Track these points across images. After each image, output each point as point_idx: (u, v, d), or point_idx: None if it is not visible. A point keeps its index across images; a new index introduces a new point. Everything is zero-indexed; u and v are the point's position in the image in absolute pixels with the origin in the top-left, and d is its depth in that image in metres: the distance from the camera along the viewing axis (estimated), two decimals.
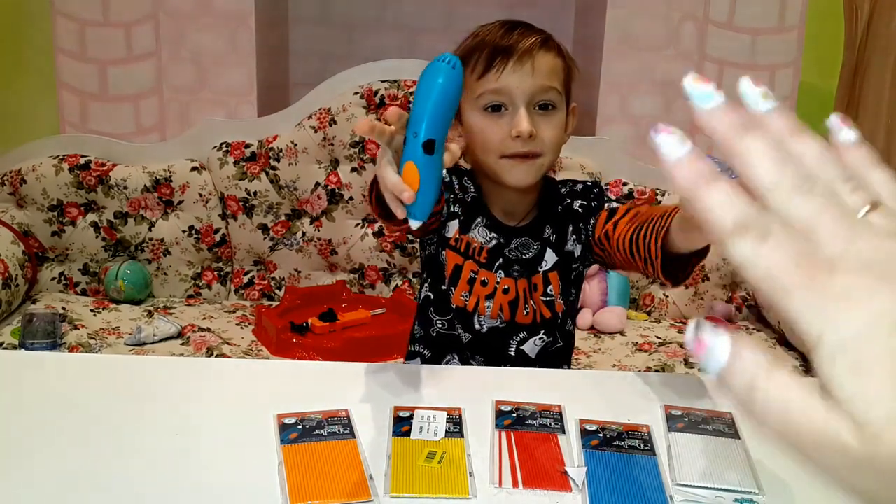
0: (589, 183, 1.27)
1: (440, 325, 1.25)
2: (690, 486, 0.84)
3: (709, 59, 2.35)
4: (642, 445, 0.92)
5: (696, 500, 0.82)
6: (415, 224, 0.84)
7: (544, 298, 1.23)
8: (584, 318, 2.23)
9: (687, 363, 2.08)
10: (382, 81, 2.29)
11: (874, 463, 0.28)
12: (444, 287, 1.23)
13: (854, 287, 0.29)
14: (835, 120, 0.35)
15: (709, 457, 0.89)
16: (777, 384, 0.30)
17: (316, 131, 2.28)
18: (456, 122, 1.22)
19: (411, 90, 2.28)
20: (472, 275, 1.22)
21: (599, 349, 2.14)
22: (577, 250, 1.23)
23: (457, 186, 1.24)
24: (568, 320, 1.28)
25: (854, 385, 0.28)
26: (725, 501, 0.82)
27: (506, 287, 1.22)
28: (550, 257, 1.23)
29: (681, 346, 2.13)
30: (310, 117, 2.29)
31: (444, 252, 1.24)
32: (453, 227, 1.23)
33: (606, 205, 1.23)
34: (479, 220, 1.23)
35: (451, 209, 1.23)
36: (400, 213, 0.84)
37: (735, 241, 0.31)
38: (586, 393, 1.05)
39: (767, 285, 0.30)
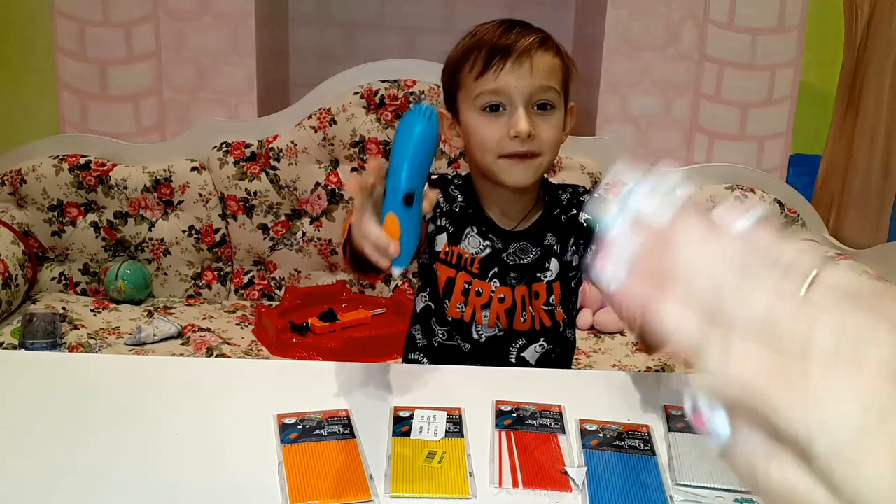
0: (595, 196, 1.27)
1: (441, 336, 1.25)
2: (690, 486, 0.84)
3: (709, 59, 2.35)
4: (642, 445, 0.92)
5: (697, 500, 0.82)
6: (397, 272, 0.85)
7: (546, 308, 1.23)
8: (584, 318, 2.22)
9: (687, 363, 2.08)
10: (382, 81, 2.29)
11: None
12: (439, 299, 1.23)
13: (831, 383, 0.29)
14: (722, 212, 0.34)
15: (709, 457, 0.89)
16: (777, 466, 0.30)
17: (316, 131, 2.28)
18: (454, 121, 1.21)
19: (411, 90, 2.28)
20: (466, 286, 1.21)
21: (599, 349, 2.14)
22: (575, 260, 1.23)
23: (441, 199, 1.23)
24: (567, 329, 1.28)
25: (855, 480, 0.28)
26: (725, 501, 0.82)
27: (501, 296, 1.21)
28: (555, 267, 1.22)
29: None
30: (310, 117, 2.29)
31: (434, 265, 1.23)
32: (442, 241, 1.22)
33: None
34: (469, 229, 1.22)
35: (438, 223, 1.22)
36: (384, 265, 0.85)
37: (699, 359, 0.31)
38: (586, 393, 1.05)
39: (744, 396, 0.30)
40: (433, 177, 1.26)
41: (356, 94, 2.28)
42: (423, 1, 2.67)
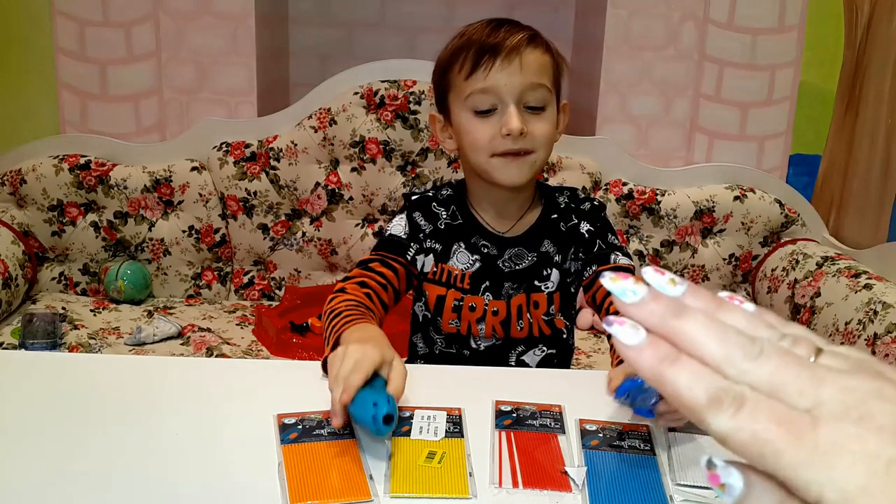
0: (596, 203, 1.24)
1: (441, 345, 1.24)
2: (690, 486, 0.84)
3: (708, 59, 2.35)
4: (642, 445, 0.92)
5: (696, 500, 0.82)
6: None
7: (545, 317, 1.21)
8: (584, 318, 2.22)
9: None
10: (382, 81, 2.29)
11: None
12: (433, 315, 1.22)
13: (840, 437, 0.30)
14: (726, 296, 0.36)
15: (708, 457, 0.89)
16: None
17: (316, 131, 2.28)
18: (446, 124, 1.20)
19: (411, 90, 2.28)
20: (457, 303, 1.20)
21: (599, 349, 2.14)
22: (574, 267, 1.22)
23: (422, 223, 1.22)
24: (569, 335, 1.26)
25: None
26: (725, 501, 0.82)
27: (495, 309, 1.20)
28: (556, 277, 1.20)
29: None
30: (310, 117, 2.29)
31: (423, 285, 1.22)
32: (429, 262, 1.21)
33: (613, 257, 1.19)
34: (456, 245, 1.21)
35: (424, 245, 1.21)
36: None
37: (712, 415, 0.32)
38: (586, 393, 1.05)
39: (754, 451, 0.31)
40: (413, 198, 1.25)
41: (356, 94, 2.28)
42: (423, 1, 2.67)
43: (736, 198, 2.30)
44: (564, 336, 1.25)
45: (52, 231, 2.28)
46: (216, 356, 1.95)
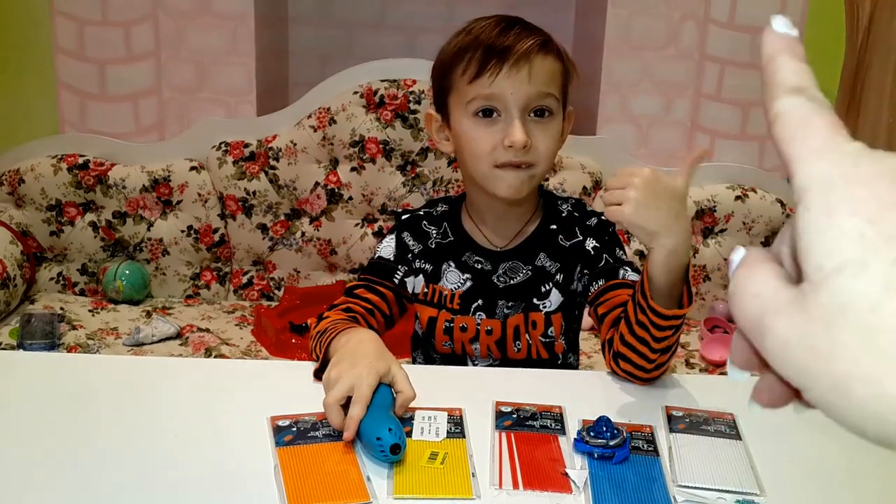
0: (603, 218, 1.16)
1: (438, 363, 1.22)
2: (692, 487, 0.84)
3: (709, 59, 2.35)
4: (646, 446, 0.91)
5: (698, 501, 0.82)
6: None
7: (543, 339, 1.17)
8: (583, 318, 2.21)
9: (688, 364, 2.08)
10: (382, 81, 2.28)
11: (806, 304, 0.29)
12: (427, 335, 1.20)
13: None
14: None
15: (710, 458, 0.89)
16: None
17: (315, 131, 2.28)
18: (443, 124, 1.15)
19: (411, 89, 2.27)
20: (447, 324, 1.17)
21: (599, 349, 2.13)
22: (580, 288, 1.18)
23: (411, 243, 1.18)
24: (570, 355, 1.22)
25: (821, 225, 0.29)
26: (727, 502, 0.81)
27: (489, 328, 1.16)
28: (556, 298, 1.16)
29: (682, 346, 2.12)
30: (309, 117, 2.28)
31: (416, 306, 1.19)
32: (419, 284, 1.18)
33: (622, 272, 1.13)
34: (446, 265, 1.17)
35: (414, 266, 1.18)
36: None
37: None
38: (586, 393, 1.05)
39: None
40: (403, 217, 1.21)
41: (356, 93, 2.27)
42: (423, 1, 2.67)
43: (737, 197, 2.30)
44: (563, 361, 1.21)
45: (50, 231, 2.28)
46: (215, 357, 1.95)
